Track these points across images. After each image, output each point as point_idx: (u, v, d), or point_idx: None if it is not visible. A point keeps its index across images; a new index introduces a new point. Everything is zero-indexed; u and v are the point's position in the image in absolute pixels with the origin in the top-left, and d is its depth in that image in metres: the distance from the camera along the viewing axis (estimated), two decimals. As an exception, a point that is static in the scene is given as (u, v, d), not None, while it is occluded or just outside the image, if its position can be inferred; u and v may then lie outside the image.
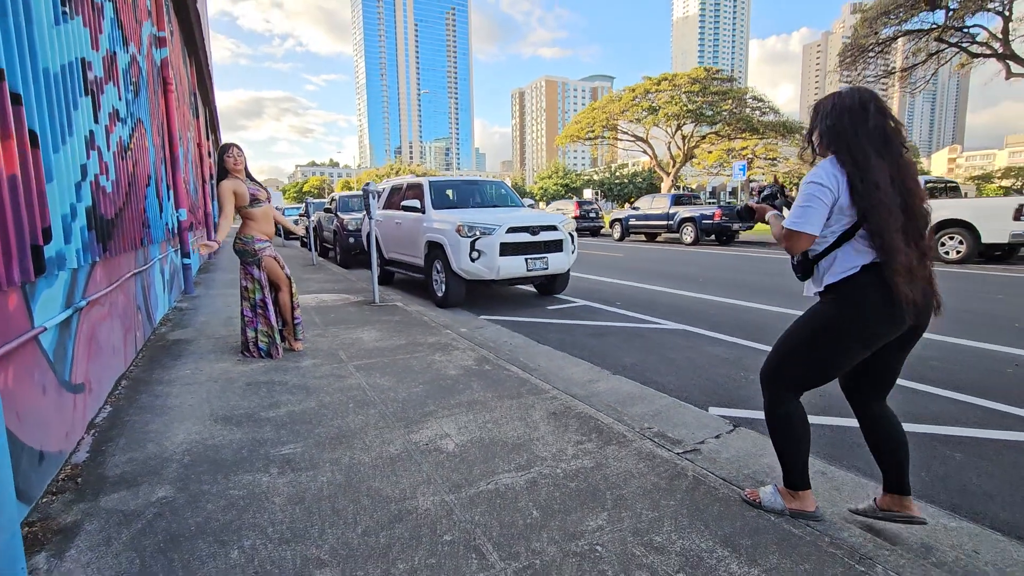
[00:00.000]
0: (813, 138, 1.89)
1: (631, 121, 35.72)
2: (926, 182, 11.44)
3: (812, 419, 3.18)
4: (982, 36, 16.78)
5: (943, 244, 10.68)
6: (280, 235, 18.48)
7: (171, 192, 6.83)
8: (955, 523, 2.13)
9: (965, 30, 16.84)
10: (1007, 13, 15.68)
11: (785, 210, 2.07)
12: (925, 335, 1.92)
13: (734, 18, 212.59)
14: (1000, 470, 2.54)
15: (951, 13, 16.07)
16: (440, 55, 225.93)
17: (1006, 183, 56.05)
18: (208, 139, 16.78)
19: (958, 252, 10.45)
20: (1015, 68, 16.32)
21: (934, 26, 16.89)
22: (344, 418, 2.94)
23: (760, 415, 3.24)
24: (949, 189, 12.03)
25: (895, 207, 1.69)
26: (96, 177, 3.19)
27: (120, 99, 4.10)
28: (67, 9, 2.79)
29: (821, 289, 1.87)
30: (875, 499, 2.03)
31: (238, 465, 2.40)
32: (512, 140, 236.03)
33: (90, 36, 3.25)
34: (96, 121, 3.27)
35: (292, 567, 1.70)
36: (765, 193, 2.15)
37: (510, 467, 2.36)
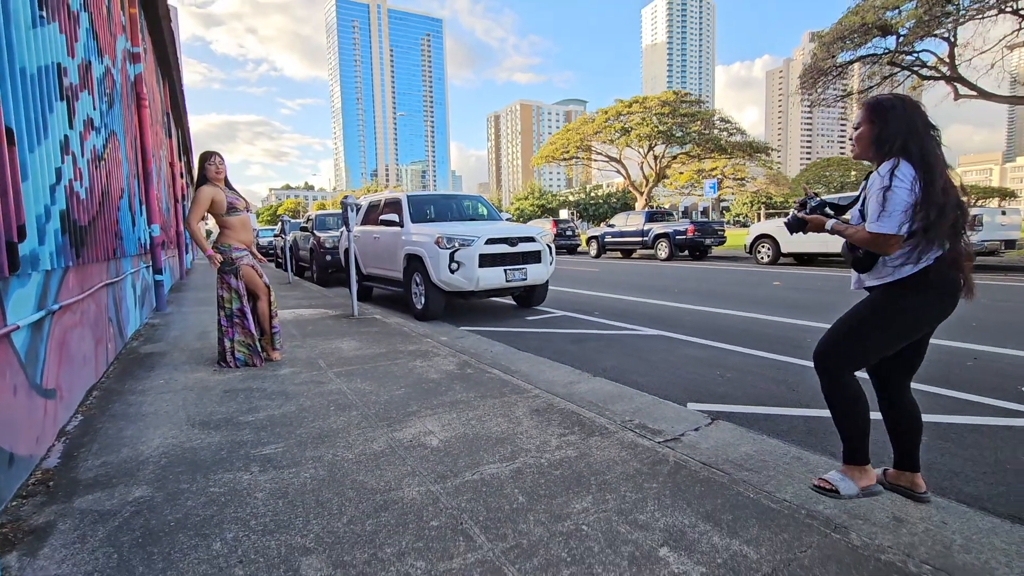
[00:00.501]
0: (884, 139, 1.88)
1: (604, 142, 36.55)
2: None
3: (786, 411, 3.29)
4: (931, 60, 17.81)
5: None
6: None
7: (144, 207, 6.72)
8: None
9: (915, 55, 17.86)
10: (952, 39, 16.71)
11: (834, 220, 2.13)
12: None
13: (700, 45, 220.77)
14: (963, 450, 2.66)
15: (901, 39, 17.04)
16: (416, 80, 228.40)
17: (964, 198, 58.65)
18: (180, 160, 16.58)
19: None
20: (962, 90, 17.32)
21: (886, 51, 17.87)
22: (325, 420, 2.91)
23: (738, 409, 3.34)
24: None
25: (951, 209, 1.79)
26: (70, 182, 3.15)
27: (95, 108, 4.07)
28: (44, 14, 2.80)
29: (890, 281, 1.91)
30: (884, 471, 2.11)
31: (217, 465, 2.36)
32: (488, 163, 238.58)
33: (66, 42, 3.24)
34: (71, 127, 3.25)
35: (277, 555, 1.68)
36: (813, 204, 2.17)
37: (495, 458, 2.37)
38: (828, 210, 2.16)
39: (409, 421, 2.87)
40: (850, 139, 2.07)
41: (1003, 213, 11.12)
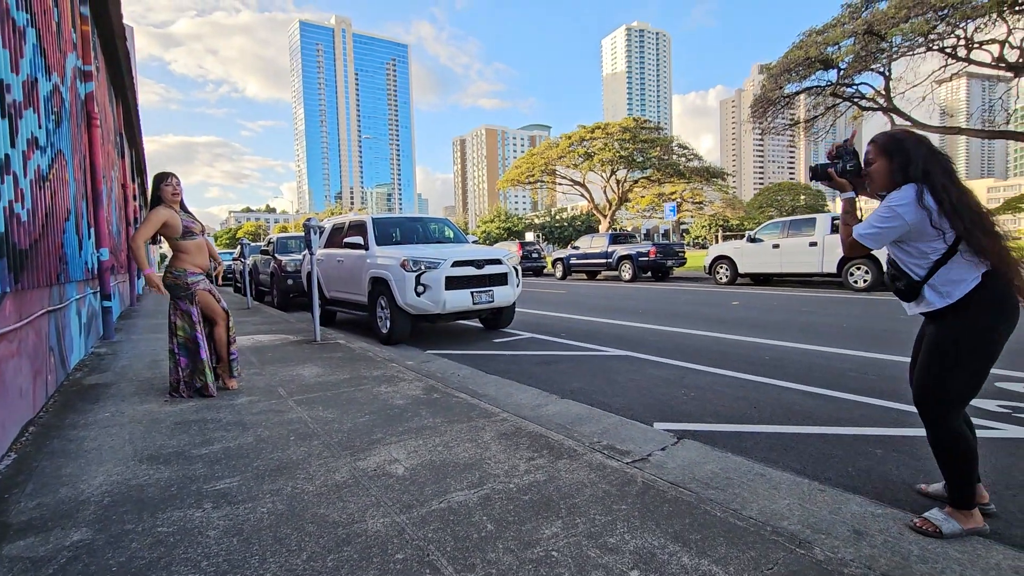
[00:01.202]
0: (904, 168, 1.94)
1: (568, 166, 37.29)
2: (834, 219, 12.58)
3: (749, 428, 3.36)
4: (870, 93, 19.04)
5: (852, 274, 11.67)
6: (212, 280, 17.58)
7: (92, 230, 6.42)
8: (881, 510, 2.27)
9: (855, 87, 19.07)
10: (887, 74, 17.97)
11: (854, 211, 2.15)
12: (841, 351, 2.12)
13: (657, 75, 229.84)
14: (915, 461, 2.76)
15: (842, 72, 18.19)
16: (381, 103, 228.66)
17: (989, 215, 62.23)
18: (134, 182, 16.01)
19: (865, 281, 11.44)
20: (898, 120, 18.54)
21: (829, 83, 19.02)
22: (285, 451, 2.80)
23: (703, 427, 3.38)
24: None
25: (989, 223, 1.86)
26: (10, 203, 2.98)
27: (40, 127, 3.89)
28: (-13, 29, 2.68)
29: (946, 305, 1.91)
30: (945, 484, 2.11)
31: (167, 503, 2.22)
32: (454, 186, 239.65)
33: (10, 58, 3.11)
34: (12, 145, 3.09)
35: (230, 597, 1.58)
36: (849, 166, 2.10)
37: (462, 485, 2.32)
38: (854, 176, 2.12)
39: (373, 449, 2.78)
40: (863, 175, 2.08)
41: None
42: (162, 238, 4.06)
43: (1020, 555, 1.79)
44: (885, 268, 2.09)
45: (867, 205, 2.44)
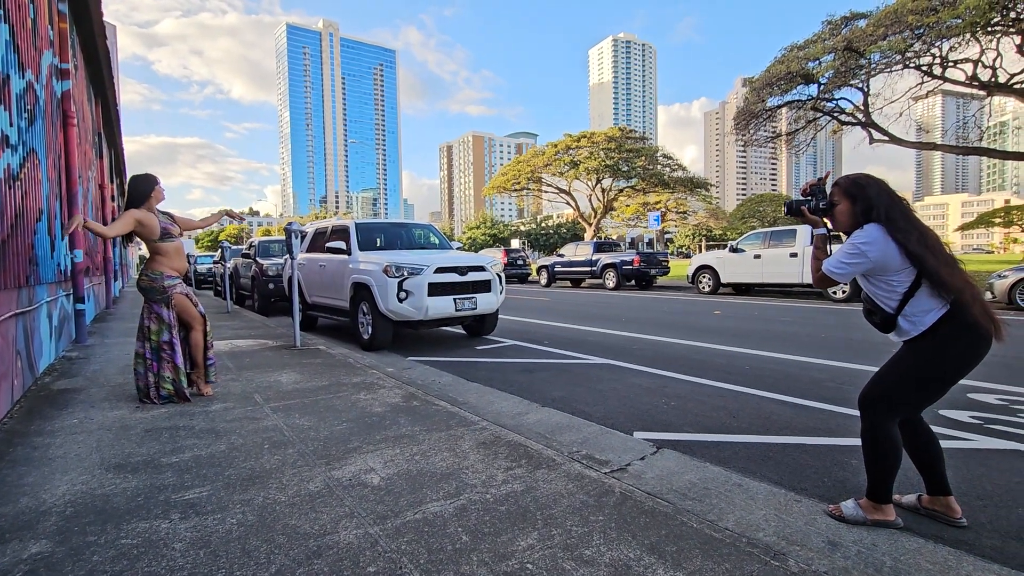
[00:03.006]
0: (868, 210, 2.07)
1: (554, 174, 37.50)
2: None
3: (728, 438, 3.37)
4: (849, 107, 19.50)
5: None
6: (192, 284, 17.31)
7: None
8: (855, 520, 2.29)
9: (835, 102, 19.52)
10: (866, 90, 18.42)
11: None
12: (818, 361, 2.17)
13: (643, 86, 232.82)
14: (889, 472, 2.79)
15: (822, 87, 18.62)
16: (368, 108, 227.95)
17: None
18: (112, 182, 15.70)
19: (844, 292, 11.64)
20: (876, 135, 19.01)
21: (810, 98, 19.45)
22: (258, 459, 2.73)
23: (682, 436, 3.39)
24: (834, 237, 13.50)
25: (951, 257, 2.00)
26: (-24, 203, 2.89)
27: (11, 125, 3.79)
28: (-44, 23, 2.61)
29: (919, 333, 2.04)
30: (919, 497, 2.27)
31: (132, 513, 2.15)
32: (440, 192, 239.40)
33: (-19, 55, 3.03)
34: (-19, 144, 3.00)
35: (194, 613, 1.53)
36: (821, 204, 2.23)
37: (439, 496, 2.29)
38: (825, 213, 2.24)
39: (349, 458, 2.74)
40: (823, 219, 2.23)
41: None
42: (139, 240, 3.97)
43: (990, 565, 1.81)
44: (862, 304, 2.22)
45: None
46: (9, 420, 3.46)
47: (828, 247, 2.24)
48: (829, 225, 2.26)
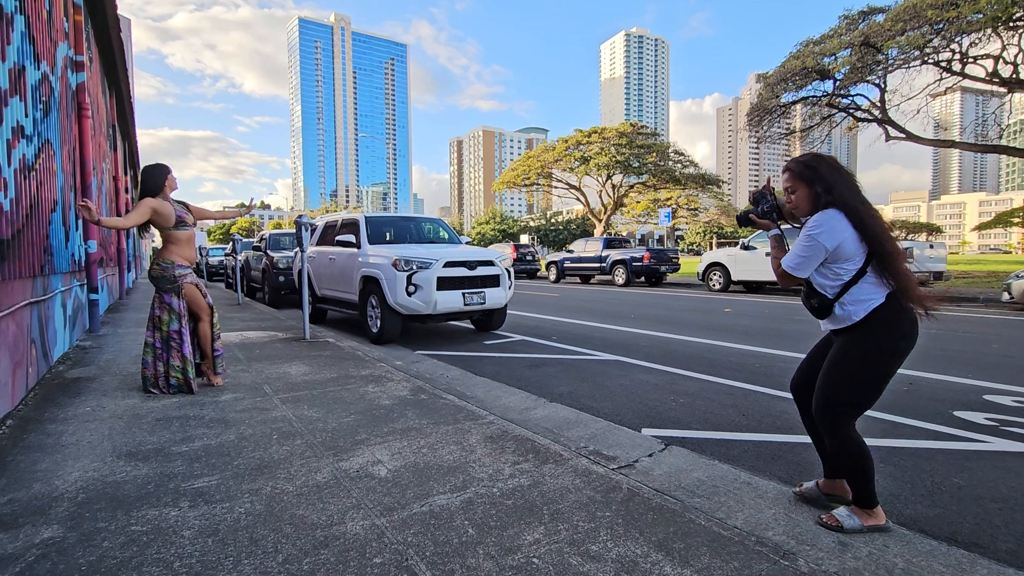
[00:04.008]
0: (820, 193, 2.02)
1: (564, 170, 37.35)
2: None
3: (737, 436, 3.34)
4: (865, 104, 19.18)
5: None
6: (203, 276, 17.47)
7: (80, 221, 6.34)
8: (866, 521, 2.26)
9: (851, 98, 19.20)
10: (883, 86, 18.10)
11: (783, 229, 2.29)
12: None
13: (655, 81, 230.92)
14: (902, 473, 2.75)
15: (838, 83, 18.32)
16: (378, 102, 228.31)
17: (893, 234, 62.86)
18: (127, 174, 15.86)
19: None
20: (893, 132, 18.69)
21: (825, 94, 19.14)
22: (266, 449, 2.75)
23: (691, 434, 3.36)
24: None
25: (896, 246, 1.97)
26: (-8, 192, 2.93)
27: (27, 116, 3.83)
28: (-28, 14, 2.63)
29: (850, 324, 2.02)
30: (817, 483, 2.23)
31: (142, 500, 2.17)
32: (450, 187, 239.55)
33: (-4, 45, 3.05)
34: (-3, 134, 3.03)
35: (201, 600, 1.54)
36: (765, 208, 2.24)
37: (445, 489, 2.29)
38: (776, 215, 2.24)
39: (357, 450, 2.74)
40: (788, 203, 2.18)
41: (931, 247, 11.93)
42: (154, 229, 4.00)
43: (1005, 569, 1.78)
44: (802, 287, 2.18)
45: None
46: (24, 407, 3.51)
47: (785, 245, 2.23)
48: (787, 225, 2.28)
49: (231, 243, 16.00)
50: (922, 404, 3.92)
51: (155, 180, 3.84)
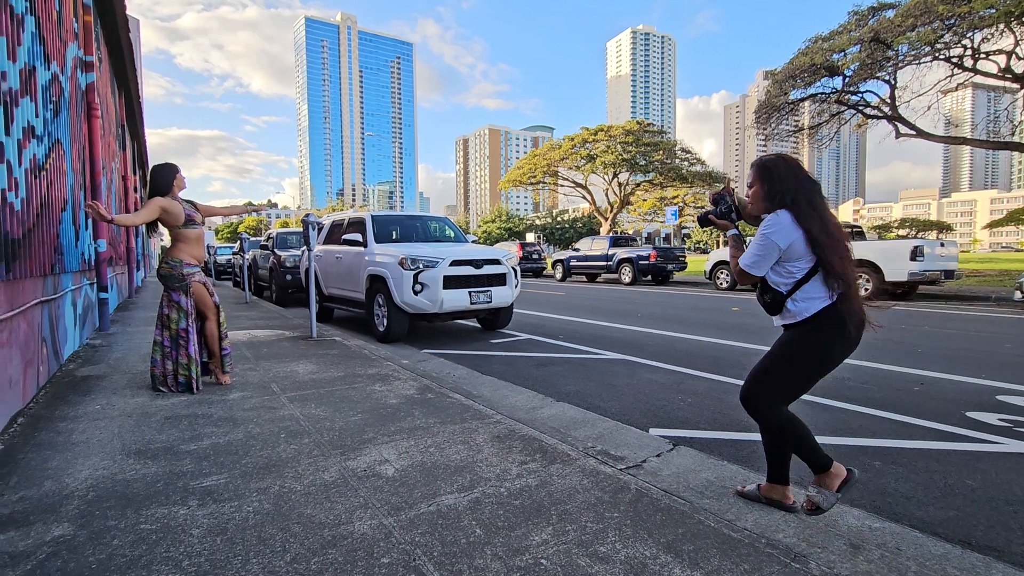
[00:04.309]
0: (775, 194, 2.06)
1: (571, 168, 37.27)
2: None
3: (746, 436, 3.31)
4: (875, 101, 18.99)
5: (853, 282, 11.63)
6: (211, 274, 17.58)
7: (90, 220, 6.39)
8: (879, 523, 2.23)
9: (860, 95, 19.02)
10: (893, 82, 17.91)
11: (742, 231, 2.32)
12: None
13: (662, 79, 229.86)
14: (914, 474, 2.72)
15: (847, 80, 18.14)
16: (384, 101, 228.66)
17: (902, 232, 62.34)
18: (135, 174, 15.98)
19: (866, 290, 11.40)
20: (903, 129, 18.50)
21: (834, 91, 18.96)
22: (274, 448, 2.76)
23: (699, 434, 3.34)
24: (855, 233, 13.23)
25: (844, 249, 2.00)
26: (3, 192, 2.95)
27: (37, 116, 3.86)
28: (-17, 14, 2.64)
29: (796, 322, 2.07)
30: (759, 486, 2.25)
31: (152, 499, 2.18)
32: (456, 185, 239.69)
33: (6, 46, 3.07)
34: (7, 134, 3.05)
35: (210, 599, 1.54)
36: (723, 208, 2.28)
37: (453, 488, 2.28)
38: (735, 216, 2.28)
39: (364, 449, 2.74)
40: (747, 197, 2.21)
41: (942, 245, 11.79)
42: (163, 228, 4.02)
43: (1021, 573, 1.75)
44: (759, 290, 2.22)
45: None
46: (35, 405, 3.55)
47: (743, 244, 2.27)
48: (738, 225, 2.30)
49: (239, 242, 16.10)
50: (933, 404, 3.87)
51: (164, 179, 3.86)
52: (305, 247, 6.55)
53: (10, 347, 3.17)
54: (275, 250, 11.89)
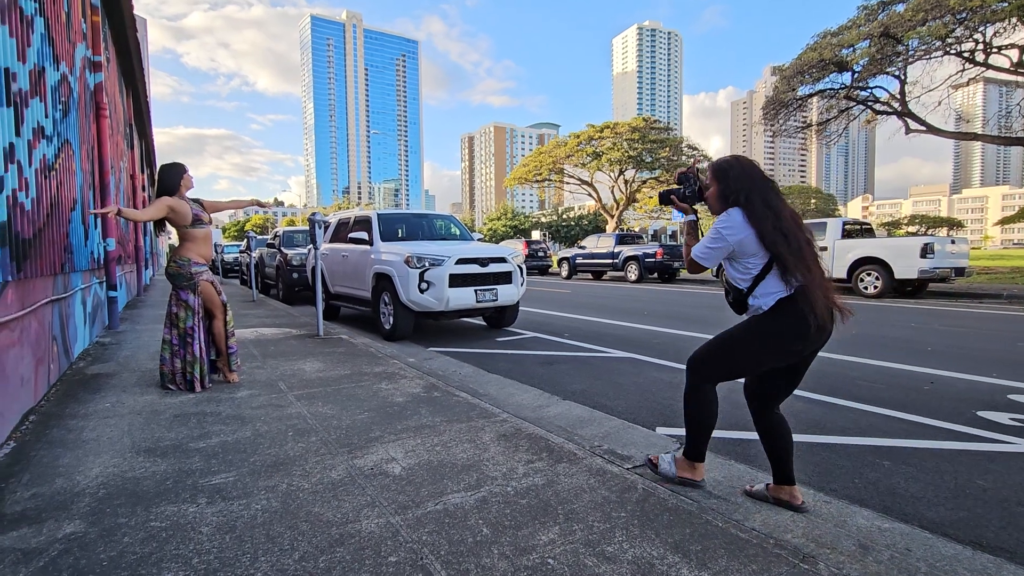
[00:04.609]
0: (728, 193, 2.13)
1: (576, 165, 37.14)
2: (844, 223, 12.44)
3: (754, 435, 3.29)
4: (884, 96, 18.79)
5: (862, 280, 11.54)
6: (219, 272, 17.69)
7: (99, 220, 6.44)
8: (888, 524, 2.22)
9: (869, 90, 18.82)
10: (903, 77, 17.72)
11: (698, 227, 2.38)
12: (851, 358, 2.13)
13: (668, 75, 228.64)
14: (924, 474, 2.69)
15: (856, 75, 17.96)
16: (390, 99, 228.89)
17: (912, 229, 61.68)
18: (143, 172, 16.09)
19: (875, 287, 11.31)
20: (913, 125, 18.30)
21: (843, 86, 18.79)
22: (282, 446, 2.77)
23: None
24: (864, 230, 13.11)
25: (803, 244, 2.03)
26: (14, 192, 2.97)
27: (47, 116, 3.89)
28: (-7, 16, 2.66)
29: (762, 312, 2.11)
30: (767, 485, 2.26)
31: (161, 496, 2.20)
32: (462, 183, 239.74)
33: (16, 47, 3.09)
34: (18, 134, 3.08)
35: (219, 597, 1.55)
36: (687, 191, 2.31)
37: (459, 487, 2.28)
38: (695, 200, 2.32)
39: (371, 447, 2.75)
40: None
41: (952, 242, 11.68)
42: (171, 229, 4.05)
43: (1032, 576, 1.74)
44: (723, 284, 2.29)
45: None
46: (46, 403, 3.58)
47: (699, 233, 2.31)
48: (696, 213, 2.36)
49: (245, 240, 16.17)
50: (944, 404, 3.84)
51: (171, 179, 3.88)
52: (311, 245, 6.57)
53: (21, 345, 3.21)
54: (282, 248, 11.95)
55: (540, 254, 24.51)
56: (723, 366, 2.21)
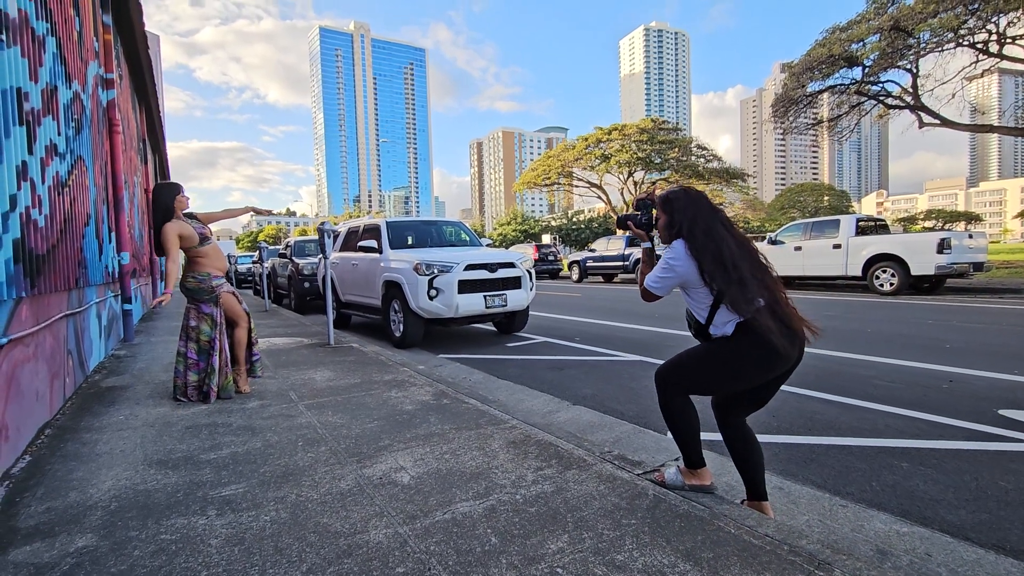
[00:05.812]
0: (673, 224, 2.17)
1: (585, 168, 37.11)
2: (858, 220, 12.26)
3: (766, 439, 3.25)
4: (896, 90, 18.54)
5: (877, 277, 11.35)
6: (233, 283, 17.89)
7: (113, 234, 6.55)
8: (907, 528, 2.17)
9: (881, 85, 18.59)
10: (915, 71, 17.48)
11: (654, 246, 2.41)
12: (866, 357, 2.09)
13: (676, 75, 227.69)
14: (943, 476, 2.63)
15: (867, 70, 17.75)
16: (399, 107, 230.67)
17: (928, 224, 60.63)
18: (157, 186, 16.34)
19: (891, 284, 11.12)
20: (926, 119, 18.02)
21: (853, 81, 18.58)
22: (292, 456, 2.78)
23: (717, 437, 3.26)
24: (879, 227, 12.91)
25: (746, 274, 2.02)
26: (27, 209, 3.03)
27: (59, 134, 3.96)
28: (4, 37, 2.72)
29: (720, 339, 2.14)
30: (742, 501, 2.24)
31: (172, 509, 2.21)
32: (471, 189, 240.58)
33: (28, 67, 3.16)
34: (31, 152, 3.14)
35: (227, 610, 1.55)
36: (643, 218, 2.34)
37: (468, 496, 2.27)
38: (652, 227, 2.34)
39: (380, 456, 2.75)
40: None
41: (970, 237, 11.44)
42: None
43: (1059, 581, 1.68)
44: (686, 317, 2.28)
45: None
46: (61, 416, 3.63)
47: (653, 261, 2.32)
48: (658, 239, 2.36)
49: (258, 251, 16.35)
50: (964, 402, 3.75)
51: (165, 203, 3.85)
52: (321, 255, 6.62)
53: (36, 360, 3.26)
54: (293, 258, 12.06)
55: (551, 258, 24.47)
56: (686, 384, 2.21)
